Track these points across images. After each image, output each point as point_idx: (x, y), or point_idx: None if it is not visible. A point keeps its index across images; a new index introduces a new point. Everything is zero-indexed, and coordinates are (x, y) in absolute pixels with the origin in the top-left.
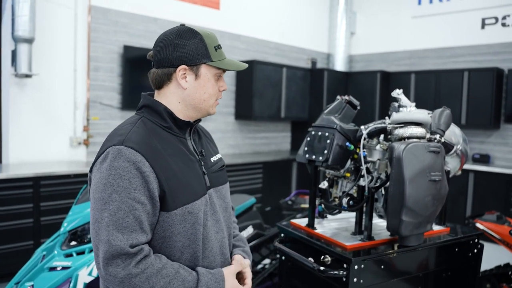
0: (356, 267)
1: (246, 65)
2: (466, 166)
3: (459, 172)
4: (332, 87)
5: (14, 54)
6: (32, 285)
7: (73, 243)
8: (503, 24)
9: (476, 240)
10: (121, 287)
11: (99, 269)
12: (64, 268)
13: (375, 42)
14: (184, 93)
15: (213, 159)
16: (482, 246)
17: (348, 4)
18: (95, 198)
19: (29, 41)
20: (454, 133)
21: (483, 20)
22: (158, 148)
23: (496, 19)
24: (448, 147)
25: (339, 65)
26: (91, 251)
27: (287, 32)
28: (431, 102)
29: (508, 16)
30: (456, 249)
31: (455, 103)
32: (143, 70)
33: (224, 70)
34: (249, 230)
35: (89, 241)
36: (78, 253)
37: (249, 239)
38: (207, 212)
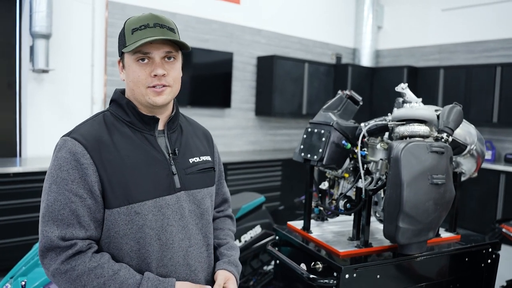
0: (347, 276)
1: (157, 37)
2: (497, 167)
3: (475, 174)
4: (357, 83)
5: (32, 49)
6: (25, 281)
7: None
8: None
9: (490, 250)
10: (54, 281)
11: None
12: None
13: (403, 36)
14: (126, 87)
15: (193, 159)
16: (498, 255)
17: None
18: (43, 187)
19: (46, 36)
20: (468, 133)
21: None
22: (108, 143)
23: None
24: (460, 147)
25: (365, 60)
26: None
27: (310, 26)
28: (461, 98)
29: None
30: (466, 259)
31: (487, 100)
32: None
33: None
34: (257, 230)
35: None
36: None
37: (257, 239)
38: (169, 216)
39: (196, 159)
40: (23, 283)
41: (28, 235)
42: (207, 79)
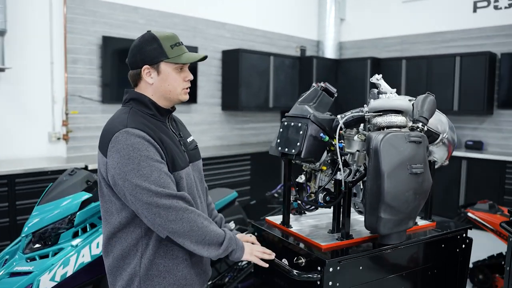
0: (331, 269)
1: (201, 56)
2: (459, 154)
3: (446, 162)
4: (322, 75)
5: None
6: None
7: (37, 246)
8: (496, 7)
9: (464, 235)
10: (180, 216)
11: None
12: (25, 273)
13: (366, 28)
14: (153, 87)
15: (189, 139)
16: (471, 240)
17: None
18: (124, 172)
19: (1, 33)
20: (440, 121)
21: (475, 3)
22: (153, 128)
23: (488, 2)
24: (433, 136)
25: (329, 53)
26: (55, 254)
27: (274, 19)
28: (422, 88)
29: None
30: (443, 245)
31: (448, 89)
32: (124, 61)
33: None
34: (231, 226)
35: (53, 244)
36: (42, 257)
37: None
38: (193, 180)
39: (189, 139)
40: None
41: None
42: None
